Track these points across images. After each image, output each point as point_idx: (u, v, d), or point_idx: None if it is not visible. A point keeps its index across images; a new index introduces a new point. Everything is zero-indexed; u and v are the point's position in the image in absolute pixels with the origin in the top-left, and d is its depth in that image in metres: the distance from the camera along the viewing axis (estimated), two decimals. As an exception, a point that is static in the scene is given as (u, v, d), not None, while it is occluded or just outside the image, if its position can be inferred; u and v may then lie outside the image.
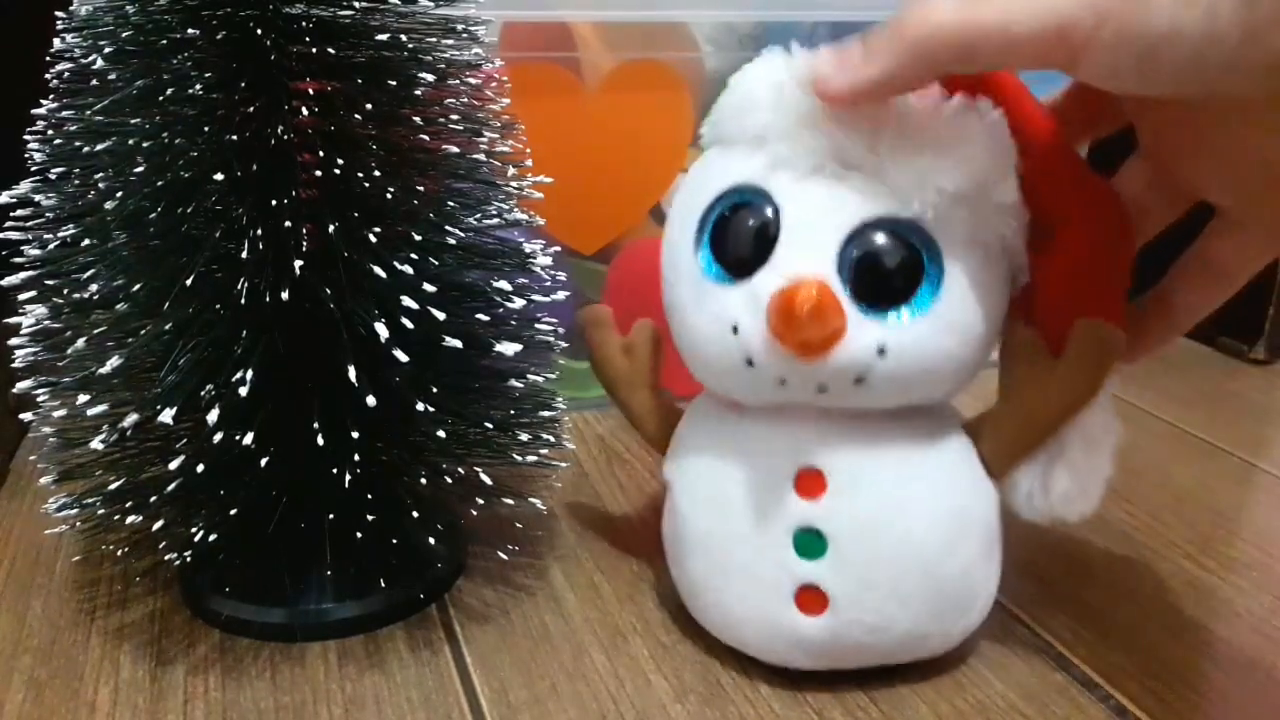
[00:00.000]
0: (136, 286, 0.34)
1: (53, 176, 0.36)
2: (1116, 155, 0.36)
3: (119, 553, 0.37)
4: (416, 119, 0.35)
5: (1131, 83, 0.27)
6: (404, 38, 0.34)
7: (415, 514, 0.37)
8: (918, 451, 0.34)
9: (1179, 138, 0.33)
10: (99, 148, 0.34)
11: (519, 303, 0.37)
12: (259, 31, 0.33)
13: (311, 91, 0.34)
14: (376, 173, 0.34)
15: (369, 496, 0.36)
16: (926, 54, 0.29)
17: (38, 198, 0.36)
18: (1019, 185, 0.32)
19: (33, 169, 0.36)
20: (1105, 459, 0.34)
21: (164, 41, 0.33)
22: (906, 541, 0.33)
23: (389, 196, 0.34)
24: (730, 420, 0.36)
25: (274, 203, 0.33)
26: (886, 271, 0.31)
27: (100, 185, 0.34)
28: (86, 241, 0.35)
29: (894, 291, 0.32)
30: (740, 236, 0.33)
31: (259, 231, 0.33)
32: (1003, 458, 0.34)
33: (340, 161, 0.33)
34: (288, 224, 0.33)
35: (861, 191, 0.32)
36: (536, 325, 0.40)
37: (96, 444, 0.34)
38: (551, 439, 0.40)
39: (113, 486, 0.36)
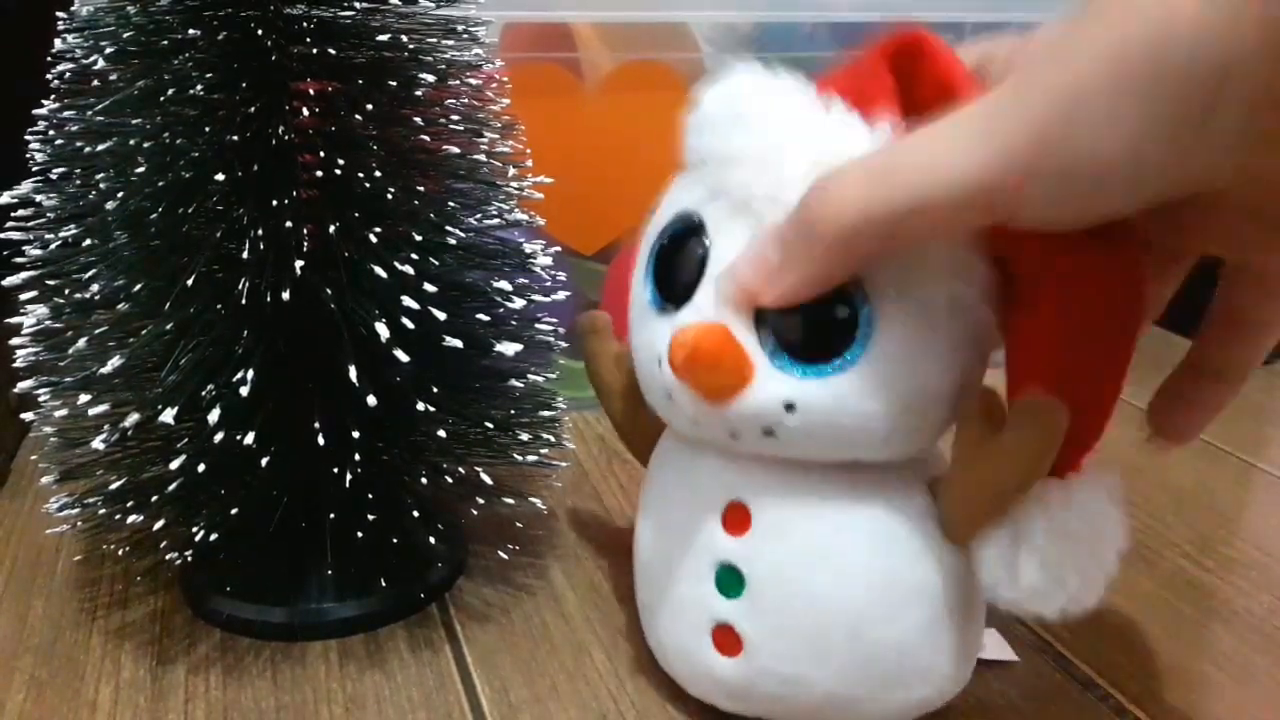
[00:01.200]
0: (138, 286, 0.34)
1: (54, 177, 0.36)
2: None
3: (120, 552, 0.38)
4: (417, 119, 0.35)
5: (1067, 219, 0.26)
6: (405, 38, 0.34)
7: (416, 513, 0.37)
8: (858, 505, 0.31)
9: (1157, 212, 0.30)
10: (100, 148, 0.34)
11: (519, 303, 0.37)
12: (260, 32, 0.33)
13: (312, 92, 0.34)
14: (377, 173, 0.34)
15: (370, 496, 0.36)
16: (843, 251, 0.27)
17: (39, 198, 0.36)
18: (975, 241, 0.29)
19: (34, 169, 0.36)
20: (1090, 554, 0.30)
21: (165, 42, 0.33)
22: (827, 597, 0.31)
23: (390, 197, 0.34)
24: (687, 447, 0.34)
25: (275, 203, 0.33)
26: (807, 324, 0.29)
27: (101, 185, 0.34)
28: (88, 241, 0.35)
29: (815, 345, 0.29)
30: (674, 267, 0.31)
31: (260, 232, 0.33)
32: (957, 524, 0.31)
33: (341, 162, 0.33)
34: (289, 224, 0.33)
35: None
36: (537, 325, 0.40)
37: (98, 444, 0.34)
38: (552, 439, 0.40)
39: (114, 486, 0.36)
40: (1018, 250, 0.29)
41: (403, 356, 0.33)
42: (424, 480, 0.37)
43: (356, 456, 0.35)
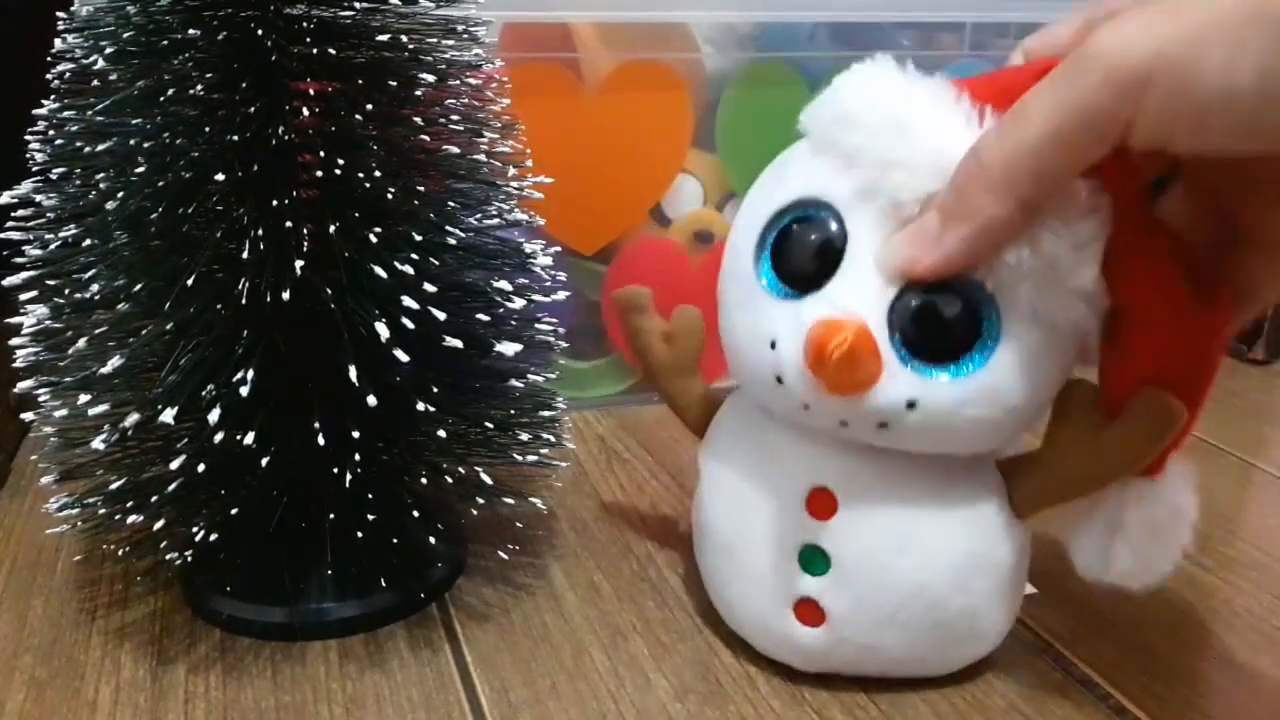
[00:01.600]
0: (137, 286, 0.34)
1: (54, 177, 0.36)
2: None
3: (120, 552, 0.38)
4: (417, 119, 0.35)
5: (1183, 145, 0.26)
6: (404, 38, 0.34)
7: (416, 513, 0.37)
8: (937, 488, 0.33)
9: (1225, 171, 0.32)
10: (100, 148, 0.34)
11: (519, 303, 0.37)
12: (260, 32, 0.33)
13: (312, 92, 0.34)
14: (377, 173, 0.34)
15: (369, 496, 0.36)
16: (1005, 205, 0.28)
17: (39, 198, 0.36)
18: (1101, 270, 0.30)
19: (34, 169, 0.36)
20: (1173, 541, 0.33)
21: (165, 42, 0.33)
22: (911, 577, 0.33)
23: (389, 197, 0.34)
24: (758, 423, 0.36)
25: (275, 203, 0.33)
26: (938, 327, 0.30)
27: (101, 185, 0.34)
28: (88, 241, 0.35)
29: (942, 348, 0.31)
30: (802, 253, 0.32)
31: (260, 232, 0.33)
32: (1030, 505, 0.34)
33: (341, 162, 0.33)
34: (288, 224, 0.33)
35: None
36: (536, 325, 0.40)
37: (98, 444, 0.34)
38: (551, 439, 0.40)
39: (114, 486, 0.36)
40: (1128, 286, 0.30)
41: (403, 356, 0.33)
42: (424, 480, 0.37)
43: (356, 456, 0.35)
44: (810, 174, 0.33)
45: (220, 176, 0.32)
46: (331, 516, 0.36)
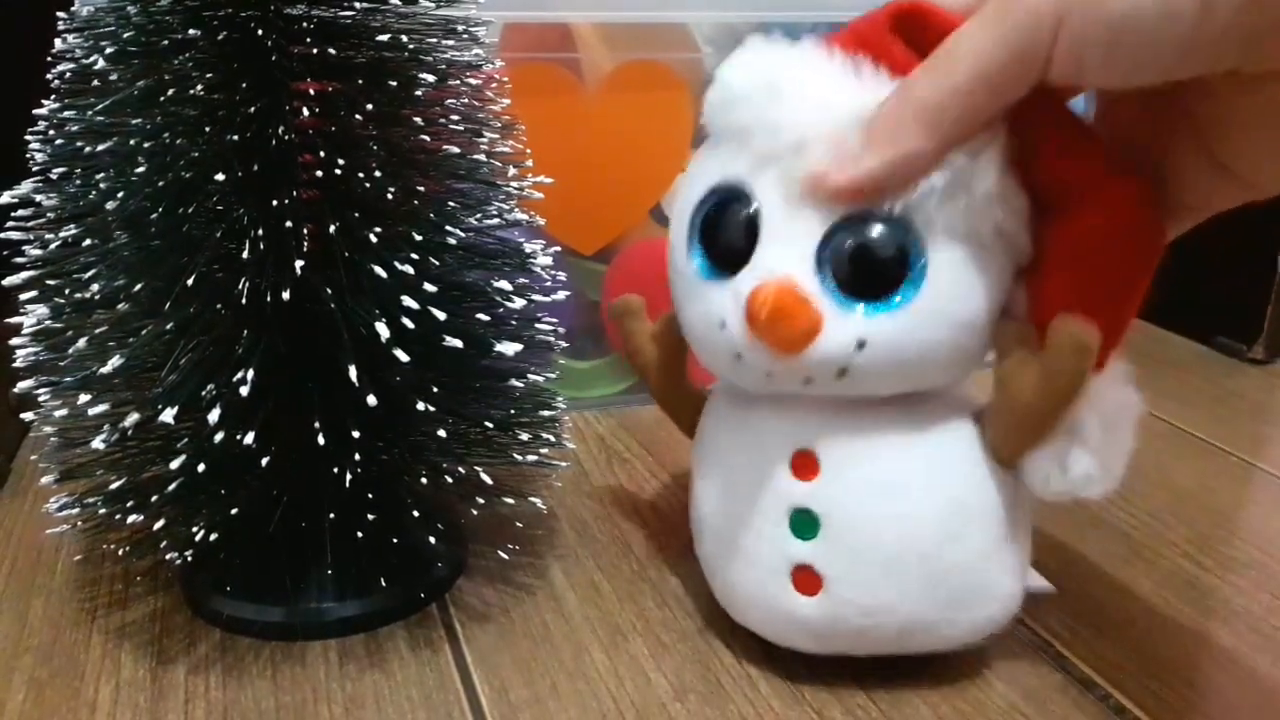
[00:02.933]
0: (138, 286, 0.34)
1: (54, 177, 0.36)
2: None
3: (120, 552, 0.38)
4: (417, 119, 0.35)
5: (1097, 74, 0.28)
6: (405, 38, 0.34)
7: (416, 513, 0.37)
8: (916, 437, 0.34)
9: (1134, 113, 0.33)
10: (100, 148, 0.34)
11: (519, 303, 0.37)
12: (260, 32, 0.33)
13: (312, 92, 0.34)
14: (377, 173, 0.34)
15: (369, 496, 0.36)
16: (928, 134, 0.29)
17: (39, 198, 0.36)
18: (1011, 167, 0.31)
19: (34, 169, 0.36)
20: (1125, 435, 0.33)
21: (165, 42, 0.33)
22: (899, 525, 0.33)
23: (389, 197, 0.35)
24: (739, 405, 0.36)
25: (275, 203, 0.33)
26: (866, 264, 0.31)
27: (101, 185, 0.34)
28: (88, 241, 0.35)
29: (875, 284, 0.31)
30: (724, 234, 0.33)
31: (260, 232, 0.33)
32: (1006, 447, 0.34)
33: (341, 162, 0.33)
34: (289, 224, 0.33)
35: None
36: (537, 325, 0.40)
37: (98, 443, 0.34)
38: (551, 438, 0.40)
39: (114, 486, 0.36)
40: (1056, 178, 0.31)
41: (403, 356, 0.33)
42: (424, 480, 0.37)
43: (356, 456, 0.35)
44: (716, 161, 0.34)
45: (220, 176, 0.32)
46: (331, 516, 0.36)
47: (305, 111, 0.33)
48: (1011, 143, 0.31)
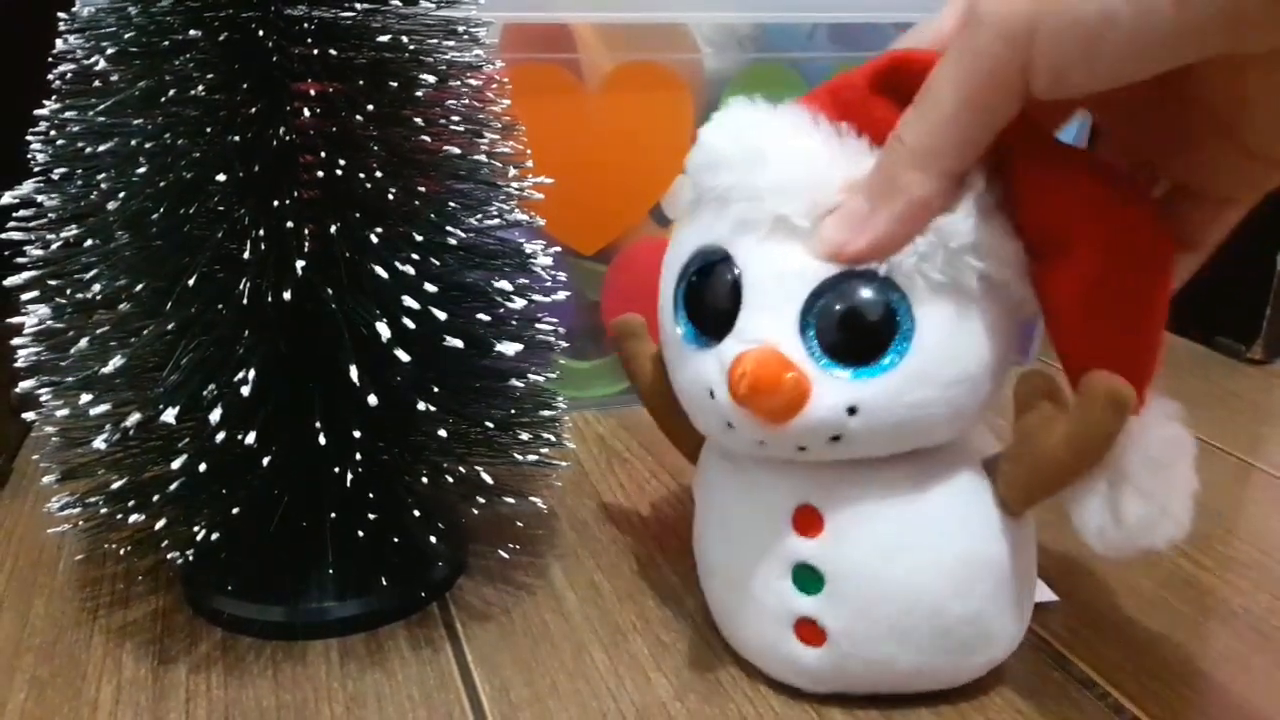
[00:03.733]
0: (139, 286, 0.34)
1: (55, 177, 0.36)
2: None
3: (121, 552, 0.38)
4: (418, 120, 0.35)
5: (1080, 80, 0.27)
6: (405, 39, 0.34)
7: (416, 513, 0.37)
8: (922, 493, 0.33)
9: (1135, 120, 0.33)
10: (101, 148, 0.34)
11: (519, 303, 0.37)
12: (261, 33, 0.33)
13: (313, 92, 0.34)
14: (378, 173, 0.34)
15: (370, 495, 0.36)
16: (929, 184, 0.29)
17: (40, 198, 0.36)
18: (995, 213, 0.30)
19: (35, 169, 0.36)
20: (1182, 474, 0.32)
21: (166, 43, 0.33)
22: (907, 585, 0.33)
23: (390, 197, 0.35)
24: (740, 457, 0.35)
25: (276, 203, 0.33)
26: (852, 327, 0.31)
27: (103, 186, 0.34)
28: (89, 242, 0.35)
29: (862, 347, 0.31)
30: (708, 299, 0.33)
31: (261, 232, 0.33)
32: (1016, 502, 0.33)
33: (342, 162, 0.33)
34: (289, 224, 0.33)
35: (816, 253, 0.31)
36: (537, 325, 0.40)
37: (99, 443, 0.34)
38: (552, 438, 0.40)
39: (115, 486, 0.36)
40: (1048, 219, 0.30)
41: (403, 356, 0.33)
42: (424, 480, 0.37)
43: (357, 456, 0.35)
44: (698, 226, 0.34)
45: (221, 177, 0.32)
46: (332, 516, 0.37)
47: (306, 112, 0.33)
48: (996, 188, 0.30)
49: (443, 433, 0.36)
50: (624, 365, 0.41)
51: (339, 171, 0.33)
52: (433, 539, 0.38)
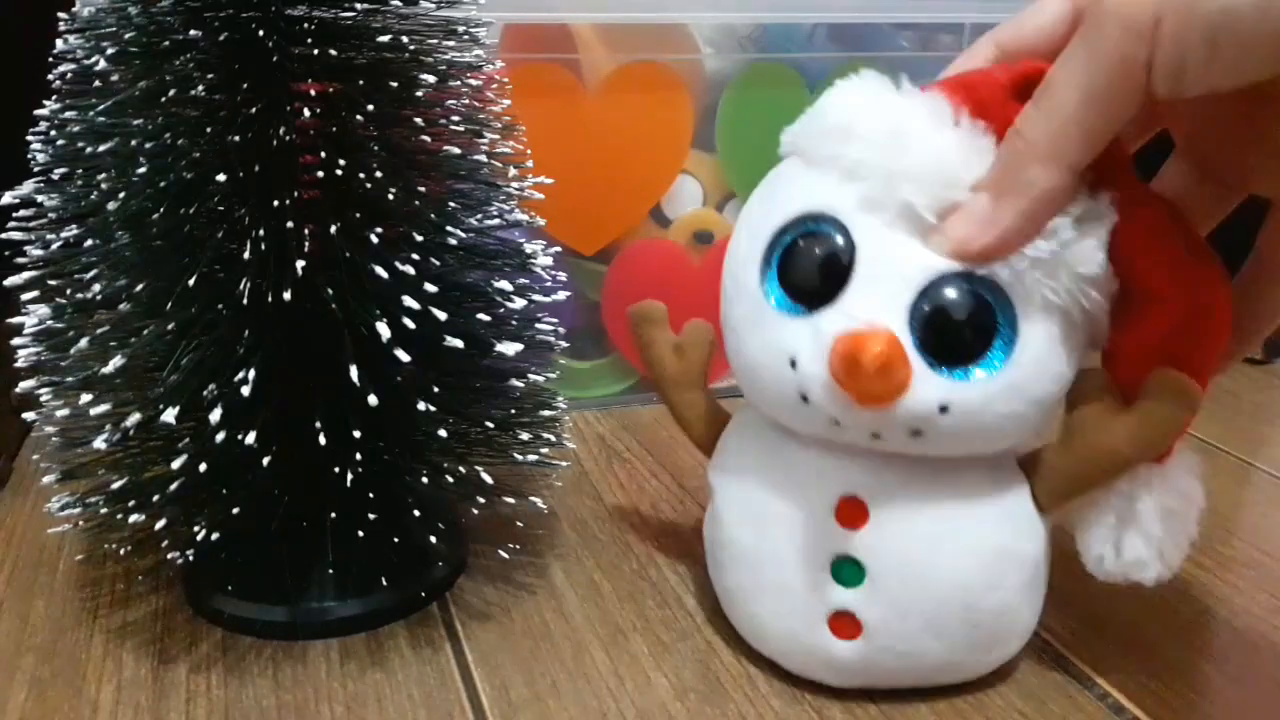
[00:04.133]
0: (139, 286, 0.34)
1: (55, 177, 0.36)
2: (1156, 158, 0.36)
3: (121, 551, 0.38)
4: (418, 120, 0.35)
5: (1199, 77, 0.27)
6: (405, 39, 0.34)
7: (417, 513, 0.37)
8: (964, 488, 0.33)
9: (1222, 132, 0.33)
10: (101, 148, 0.34)
11: (520, 303, 0.37)
12: (261, 33, 0.33)
13: (313, 93, 0.34)
14: (378, 173, 0.34)
15: (370, 495, 0.36)
16: (1055, 181, 0.29)
17: (40, 198, 0.36)
18: (1108, 255, 0.31)
19: (35, 170, 0.36)
20: (1186, 528, 0.34)
21: (166, 43, 0.33)
22: (947, 579, 0.33)
23: (390, 197, 0.35)
24: (776, 439, 0.35)
25: (276, 203, 0.33)
26: (958, 327, 0.31)
27: (103, 186, 0.34)
28: (89, 242, 0.35)
29: (964, 349, 0.31)
30: (811, 268, 0.32)
31: (261, 232, 0.33)
32: (1054, 496, 0.34)
33: (342, 162, 0.33)
34: (290, 224, 0.33)
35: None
36: (537, 325, 0.40)
37: (99, 443, 0.34)
38: (552, 438, 0.40)
39: (115, 486, 0.36)
40: (1144, 269, 0.31)
41: (404, 356, 0.33)
42: (425, 480, 0.37)
43: (357, 456, 0.35)
44: (809, 189, 0.33)
45: (221, 177, 0.32)
46: (332, 516, 0.37)
47: (306, 112, 0.33)
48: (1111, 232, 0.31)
49: (443, 433, 0.36)
50: (641, 350, 0.40)
51: (339, 171, 0.33)
52: (433, 539, 0.38)
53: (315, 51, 0.33)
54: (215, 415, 0.33)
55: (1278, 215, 0.34)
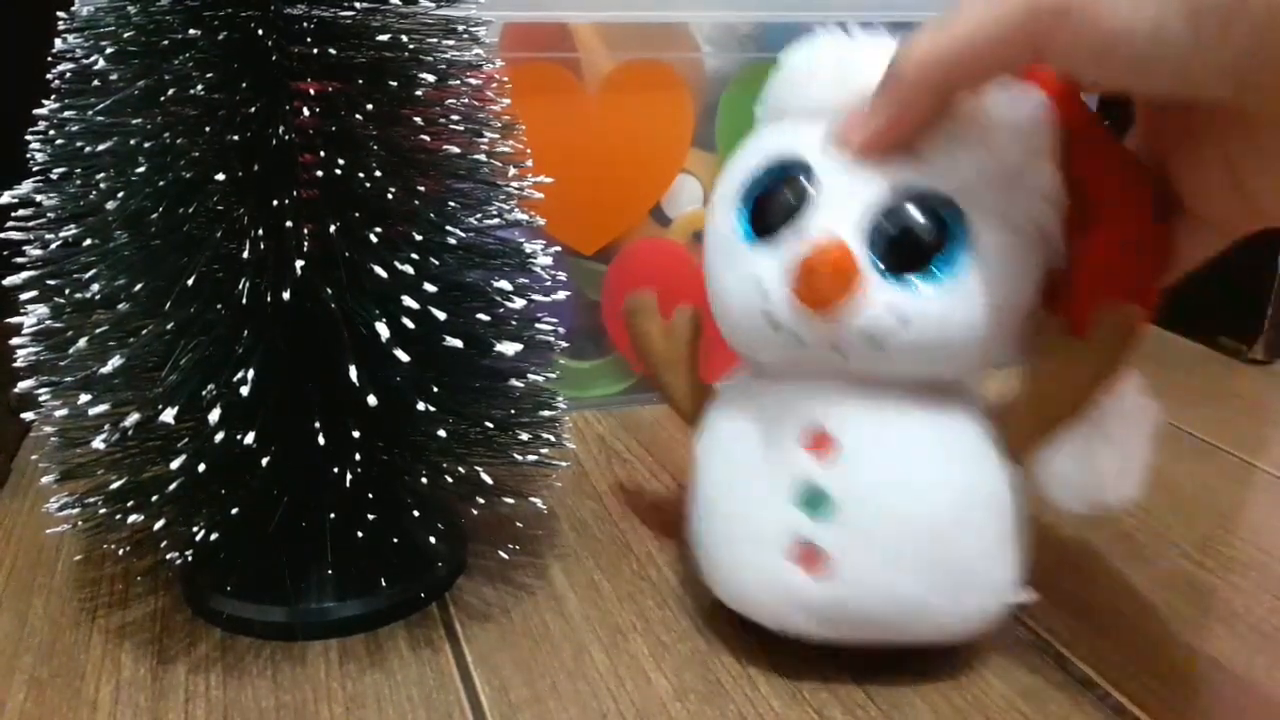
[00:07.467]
0: (138, 286, 0.34)
1: (54, 177, 0.36)
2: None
3: (120, 552, 0.38)
4: (417, 119, 0.35)
5: (1090, 76, 0.30)
6: (405, 38, 0.34)
7: (416, 513, 0.37)
8: (932, 424, 0.34)
9: (1167, 124, 0.33)
10: (100, 148, 0.34)
11: (519, 303, 0.37)
12: (260, 32, 0.33)
13: (312, 92, 0.34)
14: (377, 173, 0.34)
15: (370, 496, 0.36)
16: (920, 89, 0.31)
17: (39, 198, 0.36)
18: (1058, 172, 0.32)
19: (34, 169, 0.36)
20: (1144, 439, 0.34)
21: (165, 42, 0.33)
22: (912, 509, 0.33)
23: (390, 197, 0.35)
24: (753, 386, 0.37)
25: (275, 203, 0.33)
26: (913, 240, 0.32)
27: (102, 185, 0.34)
28: (88, 241, 0.35)
29: (920, 261, 0.32)
30: (777, 203, 0.34)
31: (260, 231, 0.33)
32: (1022, 441, 0.34)
33: (341, 162, 0.33)
34: (289, 224, 0.33)
35: (898, 165, 0.33)
36: (537, 325, 0.40)
37: (98, 443, 0.34)
38: (552, 438, 0.40)
39: (114, 486, 0.36)
40: (1092, 170, 0.33)
41: (403, 356, 0.33)
42: (424, 480, 0.37)
43: (356, 456, 0.35)
44: (775, 136, 0.35)
45: (220, 176, 0.32)
46: (332, 516, 0.36)
47: (305, 111, 0.33)
48: (1060, 148, 0.32)
49: (443, 433, 0.36)
50: (633, 340, 0.42)
51: (338, 171, 0.33)
52: (433, 539, 0.38)
53: (314, 51, 0.33)
54: (214, 415, 0.32)
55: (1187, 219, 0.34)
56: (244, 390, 0.33)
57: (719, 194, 0.36)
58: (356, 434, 0.34)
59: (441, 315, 0.34)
